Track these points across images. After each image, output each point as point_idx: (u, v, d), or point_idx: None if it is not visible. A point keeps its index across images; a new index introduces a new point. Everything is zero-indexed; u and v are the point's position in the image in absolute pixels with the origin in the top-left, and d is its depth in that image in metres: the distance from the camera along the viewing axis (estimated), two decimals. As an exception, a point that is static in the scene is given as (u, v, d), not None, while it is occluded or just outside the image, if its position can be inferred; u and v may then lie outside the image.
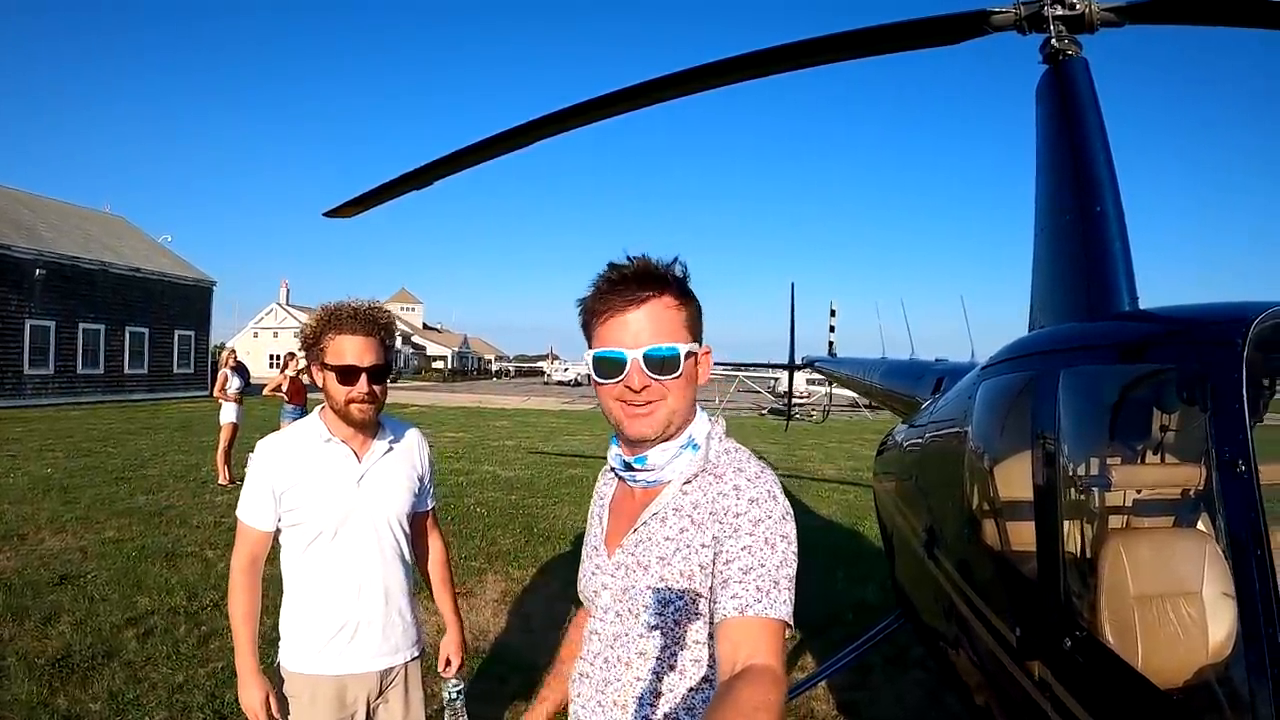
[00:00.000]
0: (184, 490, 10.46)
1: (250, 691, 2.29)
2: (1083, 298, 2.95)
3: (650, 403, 1.43)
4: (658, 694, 1.43)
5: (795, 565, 1.35)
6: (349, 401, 2.27)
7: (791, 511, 1.42)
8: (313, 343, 2.30)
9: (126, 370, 29.38)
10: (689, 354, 1.44)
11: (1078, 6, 3.18)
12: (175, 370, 32.00)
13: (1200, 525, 2.54)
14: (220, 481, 10.89)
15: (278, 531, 2.36)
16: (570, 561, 7.62)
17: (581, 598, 1.63)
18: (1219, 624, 2.13)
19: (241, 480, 10.78)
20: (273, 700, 2.29)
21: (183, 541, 7.69)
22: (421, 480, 2.54)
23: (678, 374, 1.42)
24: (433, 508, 2.66)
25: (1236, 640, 2.11)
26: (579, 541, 6.85)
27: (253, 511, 2.34)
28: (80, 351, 27.29)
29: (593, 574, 1.57)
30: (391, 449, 2.44)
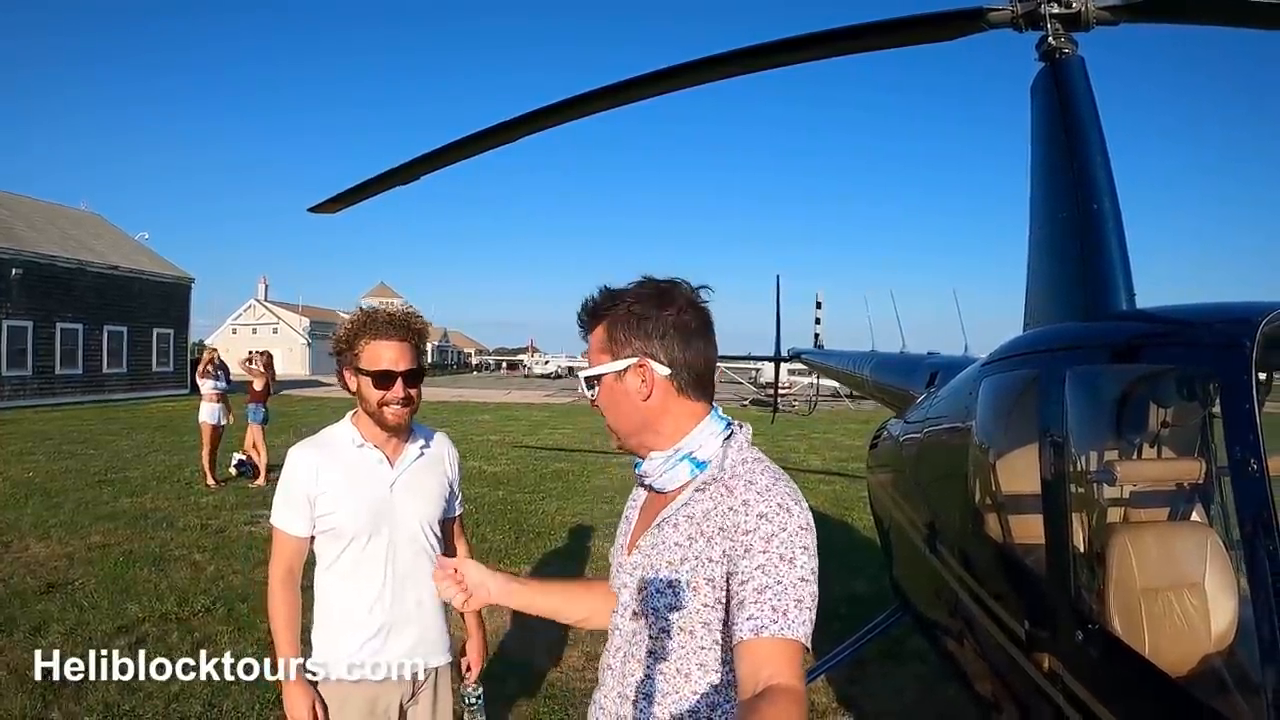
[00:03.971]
0: (168, 492, 10.33)
1: (296, 700, 2.26)
2: (1080, 296, 2.97)
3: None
4: (665, 693, 1.46)
5: (816, 580, 1.35)
6: (383, 405, 2.27)
7: (810, 523, 1.40)
8: (346, 347, 2.30)
9: (105, 370, 28.90)
10: (595, 376, 1.56)
11: (1074, 5, 3.19)
12: (154, 369, 31.55)
13: (1198, 518, 2.59)
14: (207, 483, 10.77)
15: (312, 539, 2.35)
16: (561, 558, 7.66)
17: (613, 590, 1.67)
18: (1221, 614, 2.20)
19: (225, 481, 10.82)
20: (319, 709, 2.27)
21: (170, 545, 7.60)
22: (451, 485, 2.55)
23: (593, 392, 1.58)
24: (459, 514, 2.65)
25: (1240, 629, 2.17)
26: (569, 537, 6.86)
27: (288, 518, 2.33)
28: (58, 351, 26.80)
29: (616, 571, 1.63)
30: (423, 454, 2.45)
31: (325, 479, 2.30)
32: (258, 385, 11.51)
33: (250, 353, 12.05)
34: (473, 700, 2.47)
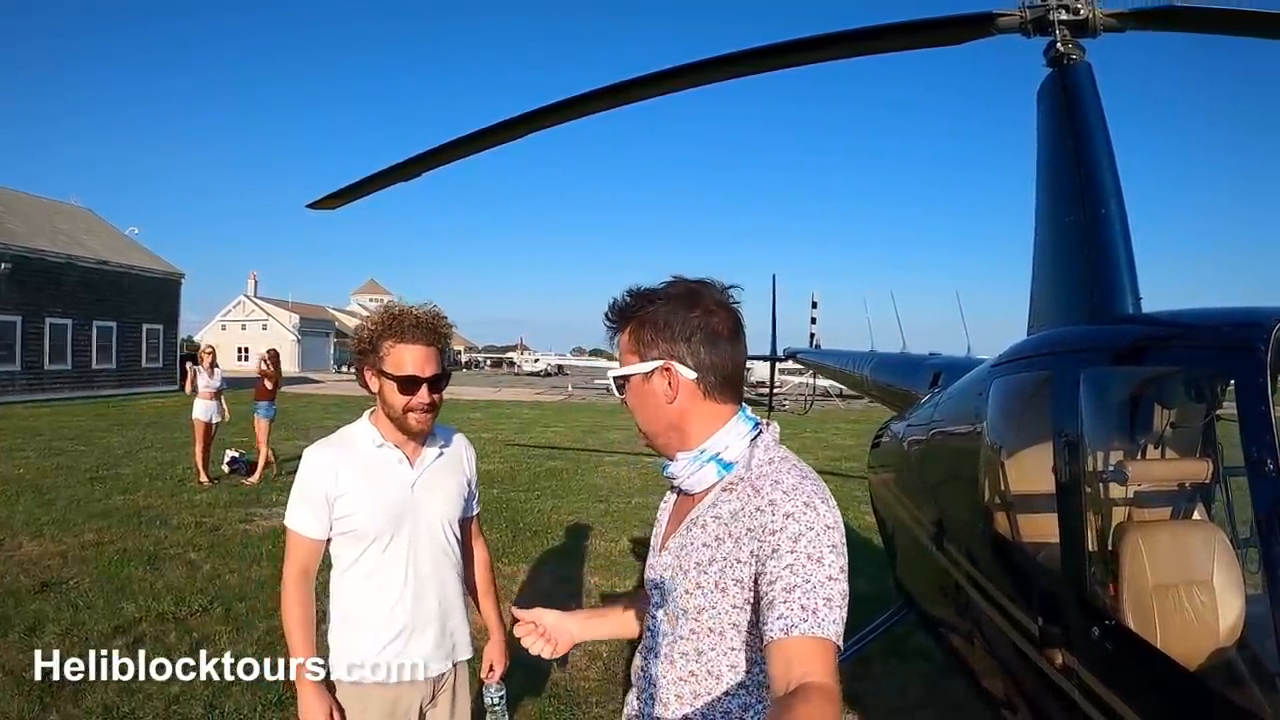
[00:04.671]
0: (161, 489, 10.26)
1: (312, 705, 2.22)
2: (1086, 300, 3.01)
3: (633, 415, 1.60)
4: (697, 694, 1.46)
5: (845, 578, 1.35)
6: (407, 410, 2.24)
7: (838, 520, 1.40)
8: (369, 348, 2.26)
9: (95, 365, 28.65)
10: (624, 377, 1.57)
11: (1082, 11, 3.22)
12: (144, 365, 31.31)
13: (1199, 516, 2.63)
14: (200, 481, 10.71)
15: (328, 541, 2.32)
16: (559, 556, 7.65)
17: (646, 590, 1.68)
18: (1229, 610, 2.23)
19: (218, 479, 10.77)
20: (336, 715, 2.24)
21: (164, 544, 7.54)
22: (469, 485, 2.53)
23: (622, 395, 1.59)
24: (476, 513, 2.63)
25: (1248, 625, 2.20)
26: (566, 536, 6.84)
27: (305, 520, 2.29)
28: (47, 347, 26.55)
29: (648, 571, 1.63)
30: (442, 454, 2.42)
31: (345, 480, 2.26)
32: (269, 383, 11.62)
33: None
34: (495, 700, 2.47)
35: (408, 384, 2.22)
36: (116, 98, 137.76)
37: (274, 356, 12.03)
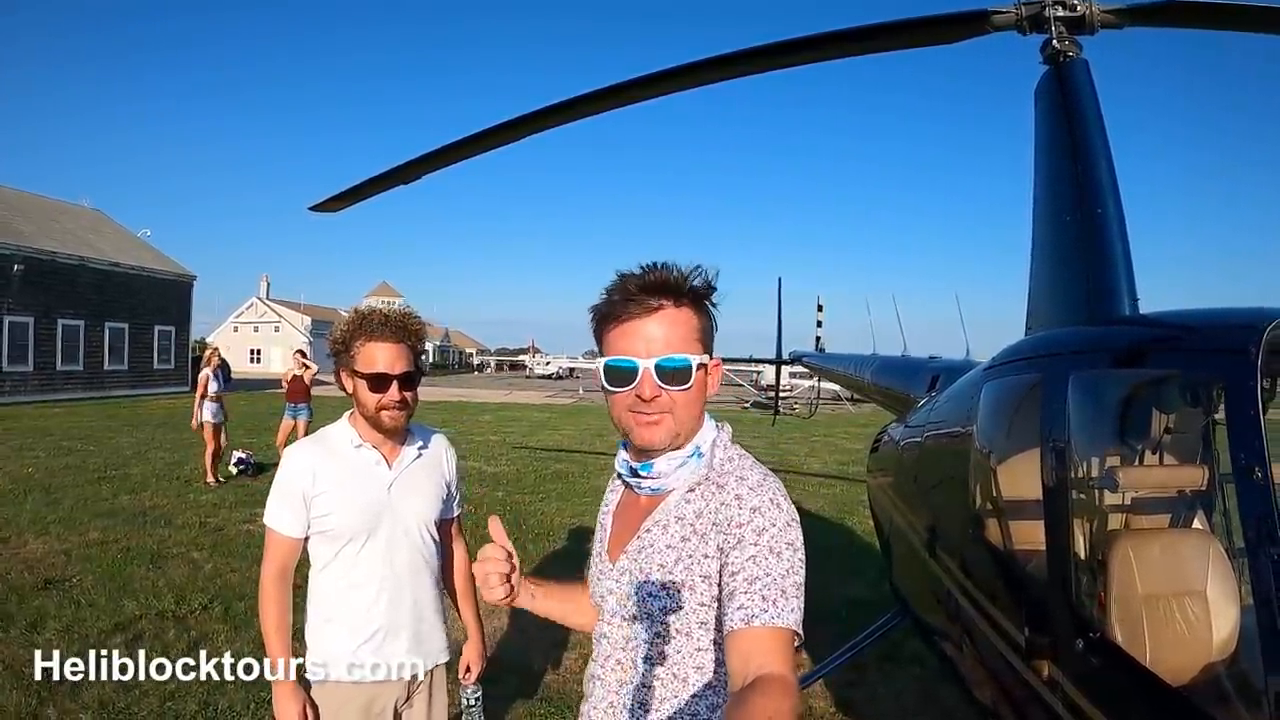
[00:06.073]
0: (167, 490, 10.32)
1: (287, 704, 2.25)
2: (1083, 300, 2.96)
3: (660, 413, 1.45)
4: (662, 699, 1.44)
5: (803, 573, 1.36)
6: (379, 409, 2.25)
7: (797, 518, 1.42)
8: (342, 349, 2.28)
9: (106, 366, 28.93)
10: (700, 365, 1.46)
11: (1078, 8, 3.18)
12: (155, 366, 31.55)
13: (1199, 525, 2.57)
14: (207, 481, 10.76)
15: (306, 539, 2.33)
16: (561, 559, 7.64)
17: (592, 602, 1.64)
18: (1223, 622, 2.19)
19: (225, 480, 10.81)
20: (310, 713, 2.26)
21: (168, 543, 7.60)
22: (449, 486, 2.54)
23: (688, 385, 1.44)
24: (458, 514, 2.64)
25: (1242, 637, 2.16)
26: (570, 538, 6.81)
27: (283, 519, 2.30)
28: (59, 348, 26.84)
29: (598, 579, 1.59)
30: (420, 455, 2.43)
31: (323, 480, 2.28)
32: (308, 380, 12.03)
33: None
34: (471, 702, 2.47)
35: (377, 381, 2.23)
36: (128, 99, 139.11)
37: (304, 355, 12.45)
